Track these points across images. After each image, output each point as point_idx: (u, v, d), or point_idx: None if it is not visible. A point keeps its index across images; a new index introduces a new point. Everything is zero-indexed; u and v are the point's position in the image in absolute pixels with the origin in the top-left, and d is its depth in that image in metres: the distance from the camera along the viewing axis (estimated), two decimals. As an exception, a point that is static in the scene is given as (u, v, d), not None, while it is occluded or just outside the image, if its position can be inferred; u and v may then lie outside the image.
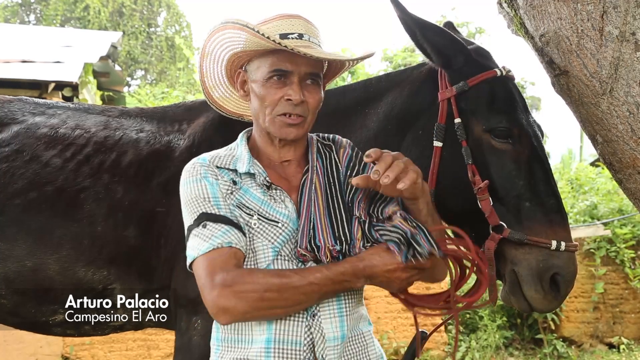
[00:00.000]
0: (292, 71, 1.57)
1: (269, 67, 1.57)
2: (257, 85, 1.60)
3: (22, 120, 2.37)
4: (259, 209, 1.55)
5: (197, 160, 1.61)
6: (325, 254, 1.52)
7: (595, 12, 1.73)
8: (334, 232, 1.56)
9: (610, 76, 1.75)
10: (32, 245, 2.20)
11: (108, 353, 6.30)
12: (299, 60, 1.56)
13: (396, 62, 15.97)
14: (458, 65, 1.98)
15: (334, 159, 1.70)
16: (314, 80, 1.61)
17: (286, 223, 1.55)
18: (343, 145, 1.73)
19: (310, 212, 1.57)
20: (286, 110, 1.57)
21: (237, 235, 1.50)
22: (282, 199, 1.58)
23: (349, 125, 2.15)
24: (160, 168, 2.22)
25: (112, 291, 2.24)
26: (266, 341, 1.50)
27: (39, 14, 23.87)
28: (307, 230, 1.54)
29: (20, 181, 2.23)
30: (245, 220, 1.54)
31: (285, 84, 1.57)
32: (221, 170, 1.59)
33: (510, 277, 1.85)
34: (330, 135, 1.77)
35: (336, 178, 1.66)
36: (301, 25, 1.61)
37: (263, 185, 1.58)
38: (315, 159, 1.67)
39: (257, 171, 1.60)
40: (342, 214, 1.59)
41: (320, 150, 1.71)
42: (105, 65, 8.73)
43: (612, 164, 1.91)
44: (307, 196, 1.59)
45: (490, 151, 1.90)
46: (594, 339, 8.36)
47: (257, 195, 1.57)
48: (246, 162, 1.60)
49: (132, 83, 23.22)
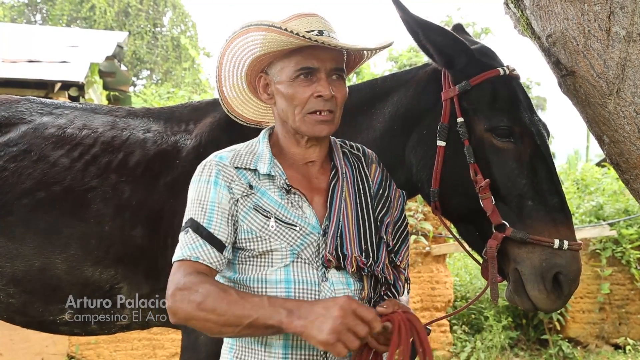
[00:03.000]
0: (319, 68, 1.58)
1: (295, 65, 1.58)
2: (283, 86, 1.60)
3: (29, 120, 2.38)
4: (276, 212, 1.55)
5: (214, 158, 1.60)
6: (351, 263, 1.54)
7: (602, 13, 1.73)
8: (361, 244, 1.58)
9: (617, 77, 1.75)
10: (40, 244, 2.22)
11: (113, 352, 6.32)
12: (324, 56, 1.57)
13: (401, 62, 15.94)
14: (461, 65, 1.98)
15: (364, 171, 1.71)
16: (339, 75, 1.63)
17: (304, 227, 1.55)
18: (374, 161, 1.76)
19: (339, 219, 1.58)
20: (317, 107, 1.57)
21: (209, 252, 1.50)
22: (300, 205, 1.58)
23: (355, 126, 2.15)
24: (167, 168, 2.22)
25: (119, 290, 2.25)
26: (283, 346, 1.51)
27: (45, 14, 23.94)
28: (334, 237, 1.55)
29: (28, 181, 2.24)
30: (262, 222, 1.53)
31: (313, 81, 1.58)
32: (239, 172, 1.58)
33: (514, 276, 1.85)
34: (358, 145, 1.78)
35: (367, 192, 1.67)
36: (318, 23, 1.62)
37: (282, 189, 1.58)
38: (343, 164, 1.68)
39: (278, 173, 1.59)
40: (371, 229, 1.61)
41: (349, 158, 1.72)
42: (111, 65, 8.73)
43: (619, 164, 1.91)
44: (337, 203, 1.60)
45: (492, 150, 1.90)
46: (599, 340, 8.34)
47: (275, 198, 1.57)
48: (267, 162, 1.60)
49: (137, 83, 23.26)
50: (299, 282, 1.52)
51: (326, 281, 1.54)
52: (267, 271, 1.54)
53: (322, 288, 1.53)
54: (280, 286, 1.52)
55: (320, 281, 1.53)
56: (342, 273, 1.56)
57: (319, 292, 1.53)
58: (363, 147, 1.78)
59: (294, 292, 1.52)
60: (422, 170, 2.02)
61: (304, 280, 1.53)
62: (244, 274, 1.56)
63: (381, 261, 1.59)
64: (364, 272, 1.56)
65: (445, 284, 7.40)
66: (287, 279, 1.52)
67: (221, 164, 1.58)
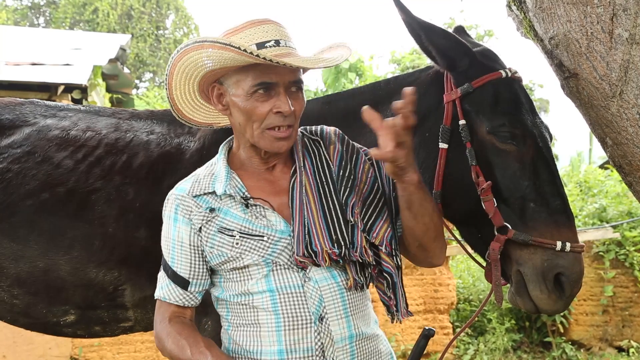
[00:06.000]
0: (277, 82, 1.53)
1: (253, 80, 1.53)
2: (240, 100, 1.55)
3: (33, 123, 2.39)
4: (240, 228, 1.54)
5: (174, 191, 1.63)
6: (323, 258, 1.52)
7: (605, 15, 1.73)
8: (331, 235, 1.54)
9: (620, 79, 1.75)
10: (44, 246, 2.23)
11: (116, 355, 6.32)
12: (282, 70, 1.52)
13: (404, 64, 15.97)
14: (463, 67, 1.98)
15: (324, 155, 1.66)
16: (298, 87, 1.58)
17: (272, 235, 1.54)
18: (332, 141, 1.69)
19: (304, 217, 1.55)
20: (276, 122, 1.53)
21: (174, 291, 1.60)
22: (263, 214, 1.56)
23: (359, 128, 2.16)
24: (171, 170, 2.23)
25: (122, 292, 2.26)
26: (278, 352, 1.51)
27: (49, 16, 24.02)
28: (302, 236, 1.53)
29: (32, 182, 2.25)
30: (229, 243, 1.54)
31: (271, 96, 1.53)
32: (199, 199, 1.58)
33: (516, 277, 1.85)
34: (317, 128, 1.73)
35: (328, 177, 1.62)
36: (275, 31, 1.57)
37: (241, 204, 1.57)
38: (302, 157, 1.64)
39: (235, 190, 1.57)
40: (337, 215, 1.57)
41: (308, 147, 1.67)
42: (114, 67, 8.76)
43: (622, 166, 1.91)
44: (298, 200, 1.57)
45: (494, 152, 1.90)
46: (603, 343, 8.31)
47: (238, 214, 1.56)
48: (224, 181, 1.58)
49: (140, 85, 23.31)
50: (282, 289, 1.53)
51: (309, 281, 1.53)
52: (249, 285, 1.54)
53: (306, 289, 1.53)
54: (265, 295, 1.53)
55: (302, 283, 1.53)
56: (323, 268, 1.54)
57: (304, 293, 1.52)
58: (322, 128, 1.72)
59: (279, 298, 1.52)
60: (424, 173, 2.02)
61: (286, 285, 1.53)
62: (228, 291, 1.59)
63: (357, 245, 1.54)
64: (340, 262, 1.54)
65: (448, 286, 7.39)
66: (270, 288, 1.53)
67: (180, 197, 1.60)
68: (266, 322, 1.52)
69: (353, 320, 1.56)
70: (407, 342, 6.98)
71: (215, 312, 1.70)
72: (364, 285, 1.58)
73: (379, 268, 1.59)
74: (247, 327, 1.56)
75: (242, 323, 1.57)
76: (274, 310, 1.52)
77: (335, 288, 1.55)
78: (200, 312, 2.10)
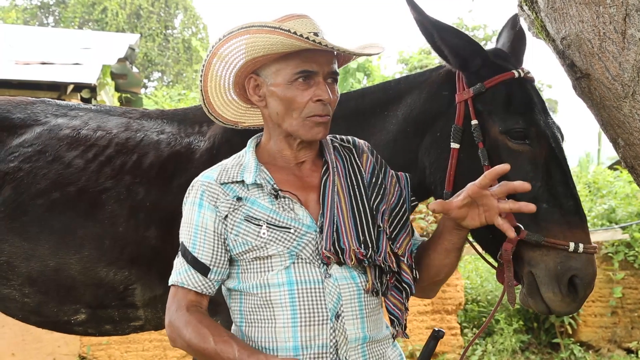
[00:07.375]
0: (318, 71, 1.56)
1: (294, 68, 1.56)
2: (279, 89, 1.57)
3: (44, 122, 2.40)
4: (267, 218, 1.55)
5: (200, 178, 1.62)
6: (350, 256, 1.53)
7: (618, 15, 1.72)
8: (359, 236, 1.56)
9: (632, 79, 1.74)
10: (55, 245, 2.24)
11: (125, 353, 6.34)
12: (322, 59, 1.56)
13: (412, 64, 15.95)
14: (475, 67, 1.97)
15: (356, 162, 1.69)
16: (334, 79, 1.61)
17: (299, 229, 1.55)
18: (365, 151, 1.73)
19: (334, 214, 1.57)
20: (317, 111, 1.56)
21: (194, 277, 1.57)
22: (292, 207, 1.57)
23: (369, 128, 2.15)
24: (181, 170, 2.23)
25: (133, 291, 2.26)
26: (294, 348, 1.51)
27: (58, 16, 24.13)
28: (330, 232, 1.54)
29: (43, 181, 2.26)
30: (255, 232, 1.54)
31: (310, 85, 1.56)
32: (226, 187, 1.58)
33: (528, 278, 1.84)
34: (348, 138, 1.76)
35: (360, 182, 1.65)
36: (312, 25, 1.60)
37: (271, 195, 1.57)
38: (334, 159, 1.67)
39: (264, 181, 1.58)
40: (367, 219, 1.59)
41: (340, 152, 1.70)
42: (123, 67, 8.80)
43: (634, 167, 1.89)
44: (330, 197, 1.59)
45: (506, 153, 1.89)
46: (611, 344, 8.28)
47: (266, 205, 1.56)
48: (253, 171, 1.59)
49: (149, 85, 23.38)
50: (301, 283, 1.52)
51: (329, 277, 1.53)
52: (269, 276, 1.54)
53: (325, 285, 1.53)
54: (283, 289, 1.52)
55: (323, 278, 1.53)
56: (344, 268, 1.55)
57: (322, 289, 1.52)
58: (353, 139, 1.76)
59: (297, 292, 1.52)
60: (435, 173, 2.02)
61: (306, 280, 1.53)
62: (246, 282, 1.58)
63: (382, 250, 1.57)
64: (365, 263, 1.55)
65: (456, 286, 7.38)
66: (289, 280, 1.52)
67: (206, 183, 1.59)
68: (282, 317, 1.52)
69: (367, 323, 1.57)
70: (415, 343, 6.97)
71: (226, 312, 1.69)
72: (379, 292, 1.59)
73: (397, 278, 1.61)
74: (261, 322, 1.55)
75: (256, 318, 1.57)
76: (290, 305, 1.51)
77: (354, 288, 1.55)
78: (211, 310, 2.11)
